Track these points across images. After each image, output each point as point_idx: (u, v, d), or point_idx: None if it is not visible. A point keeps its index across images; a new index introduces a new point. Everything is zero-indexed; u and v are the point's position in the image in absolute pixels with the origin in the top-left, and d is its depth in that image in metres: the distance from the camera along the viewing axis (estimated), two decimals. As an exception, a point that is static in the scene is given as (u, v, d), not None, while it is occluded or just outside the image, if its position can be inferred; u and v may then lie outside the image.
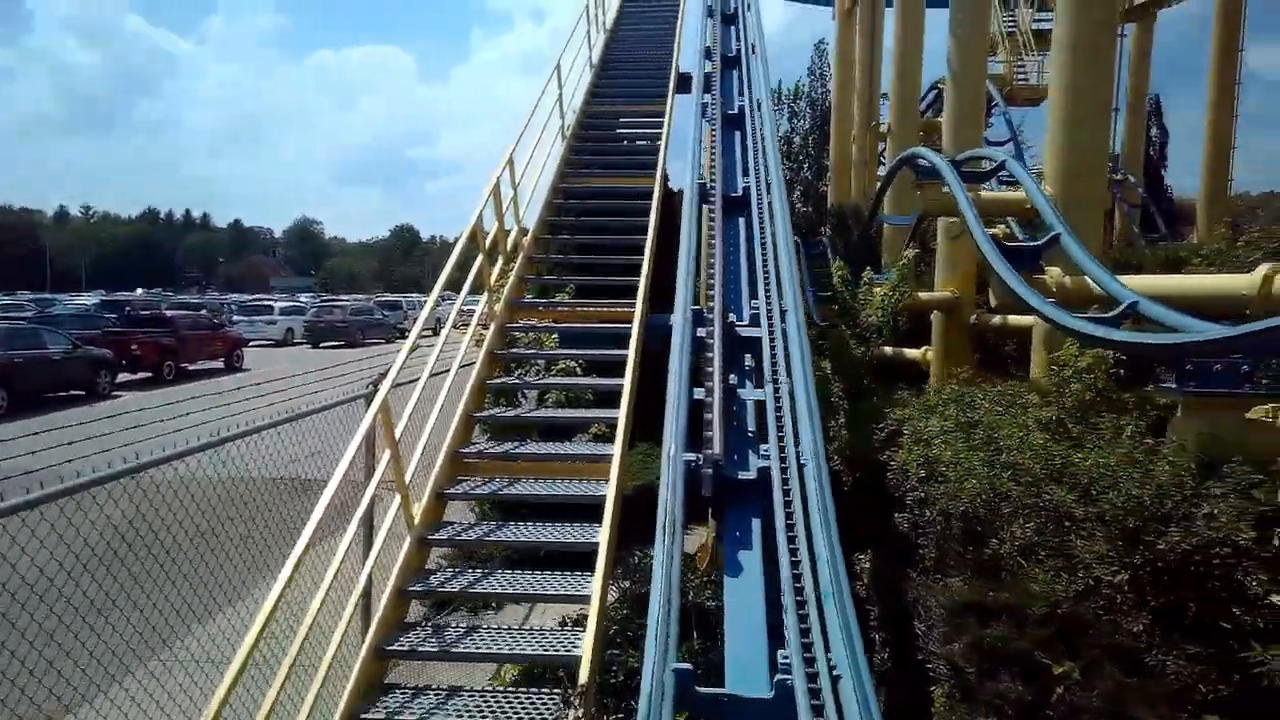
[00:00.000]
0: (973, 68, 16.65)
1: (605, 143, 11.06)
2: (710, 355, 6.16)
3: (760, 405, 6.02)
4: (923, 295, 16.33)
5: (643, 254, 7.64)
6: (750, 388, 6.41)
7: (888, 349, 13.48)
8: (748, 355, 6.80)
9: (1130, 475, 5.30)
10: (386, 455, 4.98)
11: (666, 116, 10.64)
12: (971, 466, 6.27)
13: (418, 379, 5.83)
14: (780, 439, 5.44)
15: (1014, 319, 16.82)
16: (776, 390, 5.90)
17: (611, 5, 14.52)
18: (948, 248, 16.96)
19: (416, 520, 5.54)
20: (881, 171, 30.76)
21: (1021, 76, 26.14)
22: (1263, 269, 7.46)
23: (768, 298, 6.91)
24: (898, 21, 21.45)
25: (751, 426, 5.99)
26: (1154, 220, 27.42)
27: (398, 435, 5.08)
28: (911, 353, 13.70)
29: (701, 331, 6.61)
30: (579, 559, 5.43)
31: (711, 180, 8.83)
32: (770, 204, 8.22)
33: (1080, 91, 10.26)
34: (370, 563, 5.03)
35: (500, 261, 7.69)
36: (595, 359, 7.59)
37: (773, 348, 6.34)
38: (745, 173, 9.43)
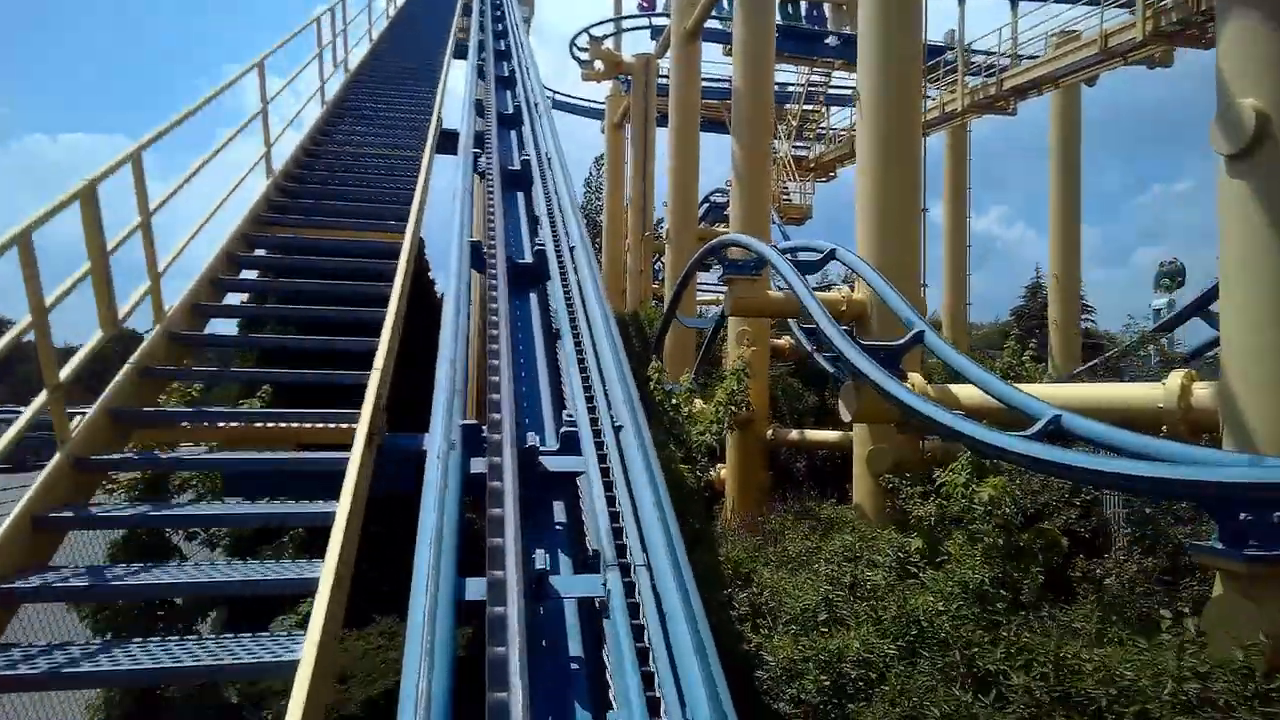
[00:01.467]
0: (757, 172, 15.96)
1: (331, 185, 7.76)
2: (498, 510, 3.30)
3: (592, 608, 3.22)
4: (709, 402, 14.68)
5: (379, 336, 4.63)
6: (569, 571, 3.58)
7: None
8: (559, 503, 4.01)
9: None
10: None
11: (424, 163, 7.84)
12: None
13: None
14: (649, 691, 2.65)
15: (813, 434, 15.71)
16: (626, 574, 3.14)
17: (356, 50, 11.72)
18: (740, 356, 15.61)
19: None
20: (660, 282, 30.17)
21: (787, 197, 26.74)
22: (1177, 377, 6.02)
23: (591, 408, 4.19)
24: (674, 135, 20.85)
25: (577, 651, 3.15)
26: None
27: None
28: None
29: (480, 465, 3.75)
30: None
31: (490, 244, 6.12)
32: (577, 272, 5.65)
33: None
34: None
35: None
36: (280, 517, 4.24)
37: (608, 492, 3.61)
38: (533, 238, 6.88)
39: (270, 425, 4.19)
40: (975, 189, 24.79)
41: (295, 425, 4.24)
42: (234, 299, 5.85)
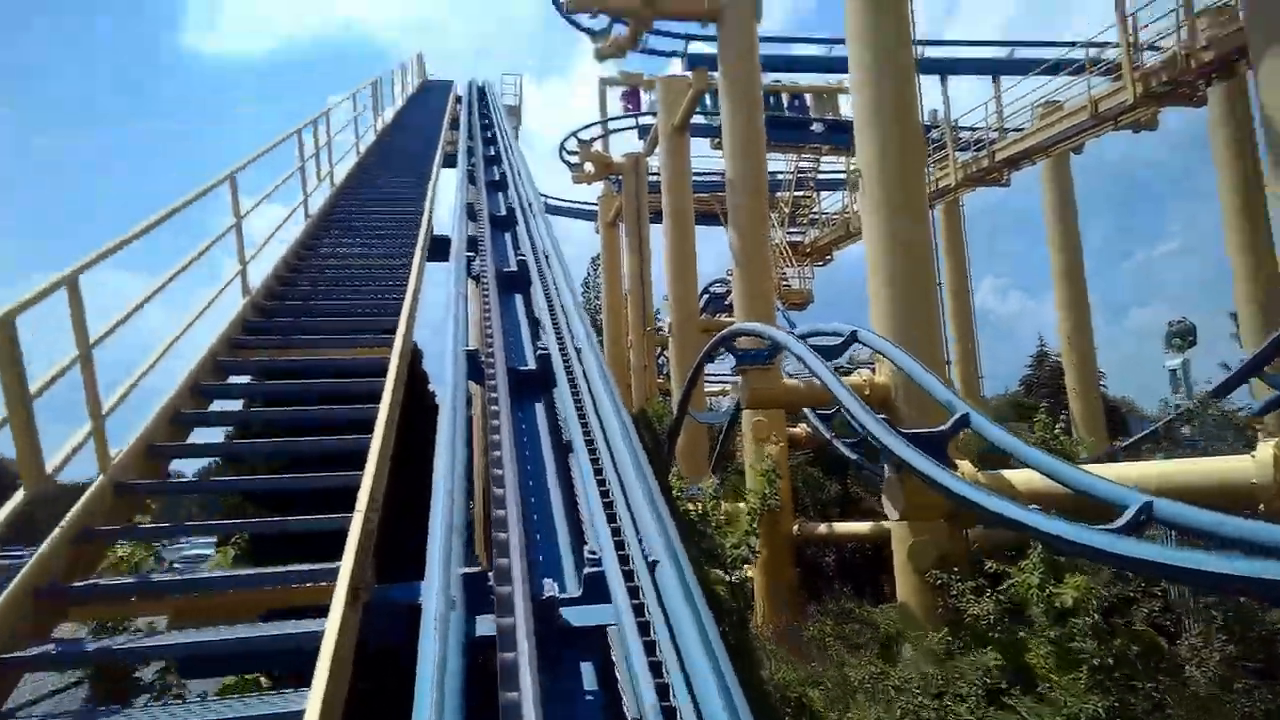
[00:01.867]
0: (757, 259, 15.66)
1: (314, 301, 7.20)
2: (513, 693, 2.57)
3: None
4: (741, 505, 13.81)
5: (362, 470, 3.96)
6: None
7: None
8: (587, 665, 3.26)
9: None
10: None
11: (414, 271, 7.34)
12: None
13: None
14: None
15: (842, 527, 14.80)
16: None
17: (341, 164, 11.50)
18: (758, 452, 14.85)
19: None
20: (664, 377, 29.66)
21: (786, 283, 26.51)
22: (1268, 447, 5.33)
23: (617, 539, 3.49)
24: (669, 229, 20.79)
25: None
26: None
27: None
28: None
29: (487, 623, 3.03)
30: None
31: (488, 352, 5.53)
32: (587, 377, 5.03)
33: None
34: None
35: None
36: None
37: (650, 655, 2.87)
38: (535, 342, 6.31)
39: (232, 592, 3.47)
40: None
41: (262, 590, 3.52)
42: (203, 436, 5.20)
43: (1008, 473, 6.76)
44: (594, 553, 3.43)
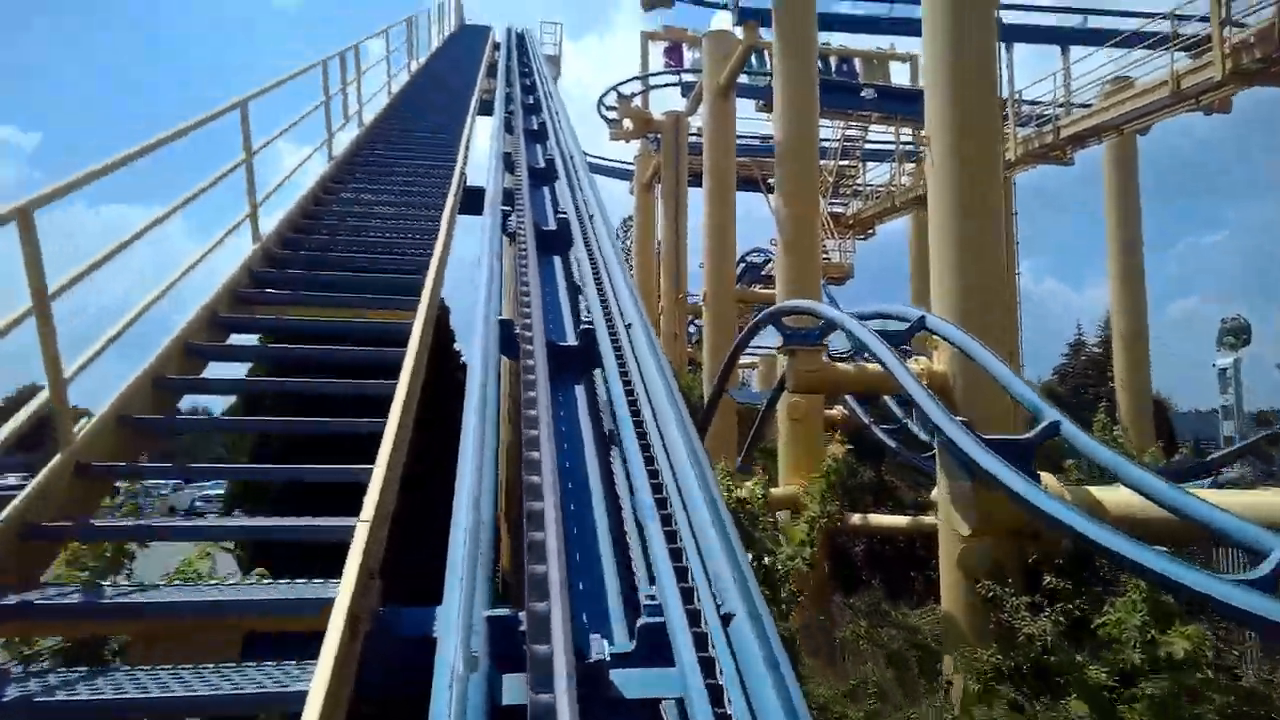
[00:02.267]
0: (804, 231, 14.78)
1: (331, 253, 6.49)
2: None
3: None
4: (775, 491, 13.15)
5: (368, 479, 3.27)
6: None
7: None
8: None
9: None
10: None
11: (444, 224, 6.63)
12: None
13: None
14: None
15: (878, 520, 14.11)
16: None
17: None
18: (792, 433, 14.14)
19: None
20: (694, 345, 28.93)
21: (826, 256, 25.50)
22: None
23: (686, 590, 2.79)
24: (709, 194, 19.83)
25: None
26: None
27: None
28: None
29: (516, 686, 2.37)
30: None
31: (524, 322, 4.82)
32: (639, 361, 4.31)
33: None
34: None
35: None
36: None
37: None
38: (576, 314, 5.60)
39: (213, 618, 2.83)
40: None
41: (246, 617, 2.88)
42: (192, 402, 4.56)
43: (1100, 491, 6.00)
44: (652, 599, 2.74)
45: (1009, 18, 22.07)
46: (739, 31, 17.26)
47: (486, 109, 13.13)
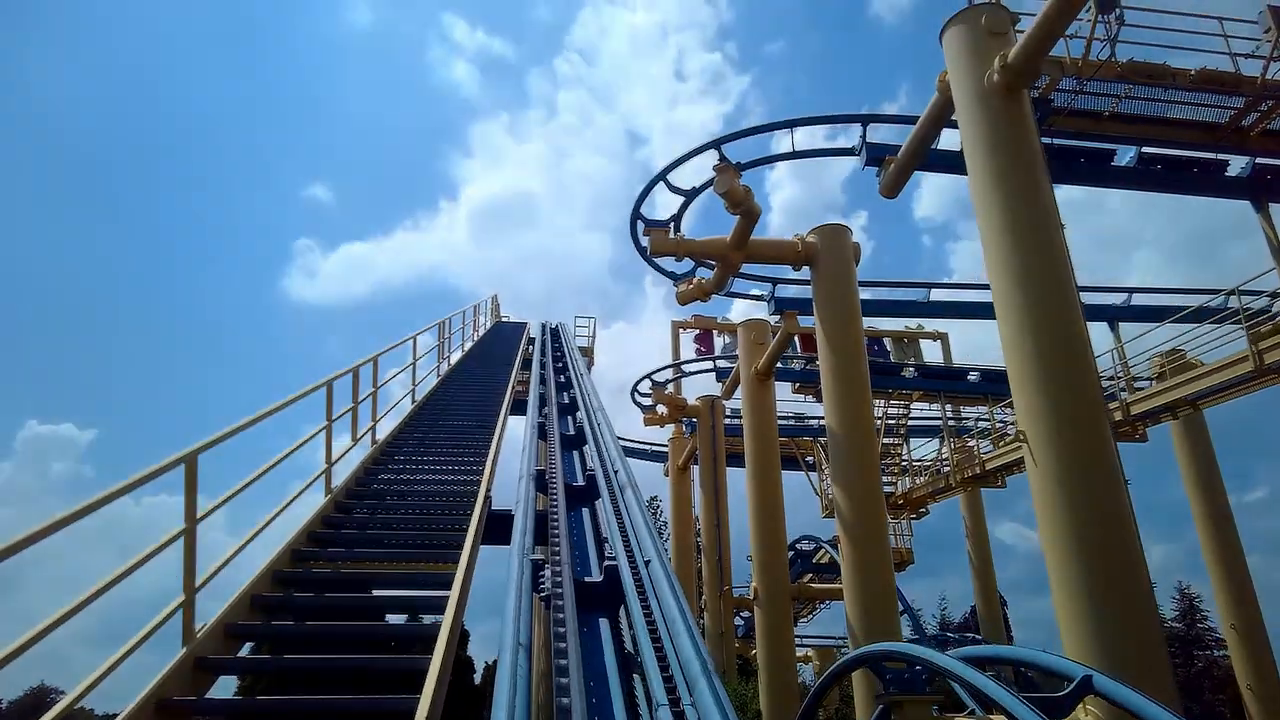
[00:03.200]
0: (870, 516, 13.22)
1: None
2: None
3: None
4: None
5: None
6: None
7: None
8: None
9: None
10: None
11: (461, 571, 5.19)
12: None
13: None
14: None
15: None
16: None
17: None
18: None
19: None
20: (741, 639, 26.02)
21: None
22: None
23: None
24: (753, 479, 18.56)
25: None
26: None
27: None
28: None
29: None
30: None
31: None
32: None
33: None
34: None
35: None
36: None
37: None
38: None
39: None
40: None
41: None
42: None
43: None
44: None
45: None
46: (779, 318, 17.06)
47: (518, 406, 12.39)
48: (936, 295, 19.30)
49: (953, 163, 12.12)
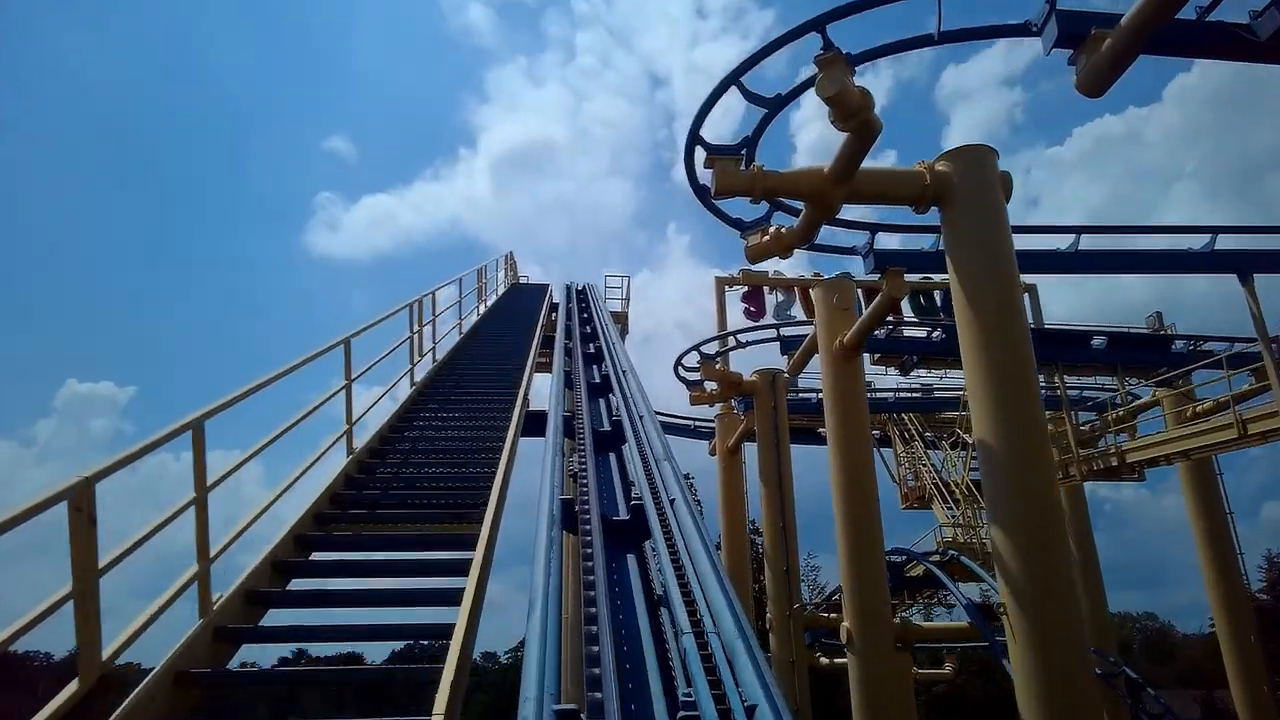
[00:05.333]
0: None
1: None
2: None
3: None
4: None
5: None
6: None
7: None
8: None
9: None
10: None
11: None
12: None
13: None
14: None
15: None
16: None
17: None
18: None
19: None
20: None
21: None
22: None
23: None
24: (841, 488, 14.39)
25: None
26: None
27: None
28: None
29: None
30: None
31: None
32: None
33: None
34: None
35: None
36: None
37: None
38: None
39: None
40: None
41: None
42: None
43: None
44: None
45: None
46: (883, 277, 12.73)
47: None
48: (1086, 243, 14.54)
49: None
